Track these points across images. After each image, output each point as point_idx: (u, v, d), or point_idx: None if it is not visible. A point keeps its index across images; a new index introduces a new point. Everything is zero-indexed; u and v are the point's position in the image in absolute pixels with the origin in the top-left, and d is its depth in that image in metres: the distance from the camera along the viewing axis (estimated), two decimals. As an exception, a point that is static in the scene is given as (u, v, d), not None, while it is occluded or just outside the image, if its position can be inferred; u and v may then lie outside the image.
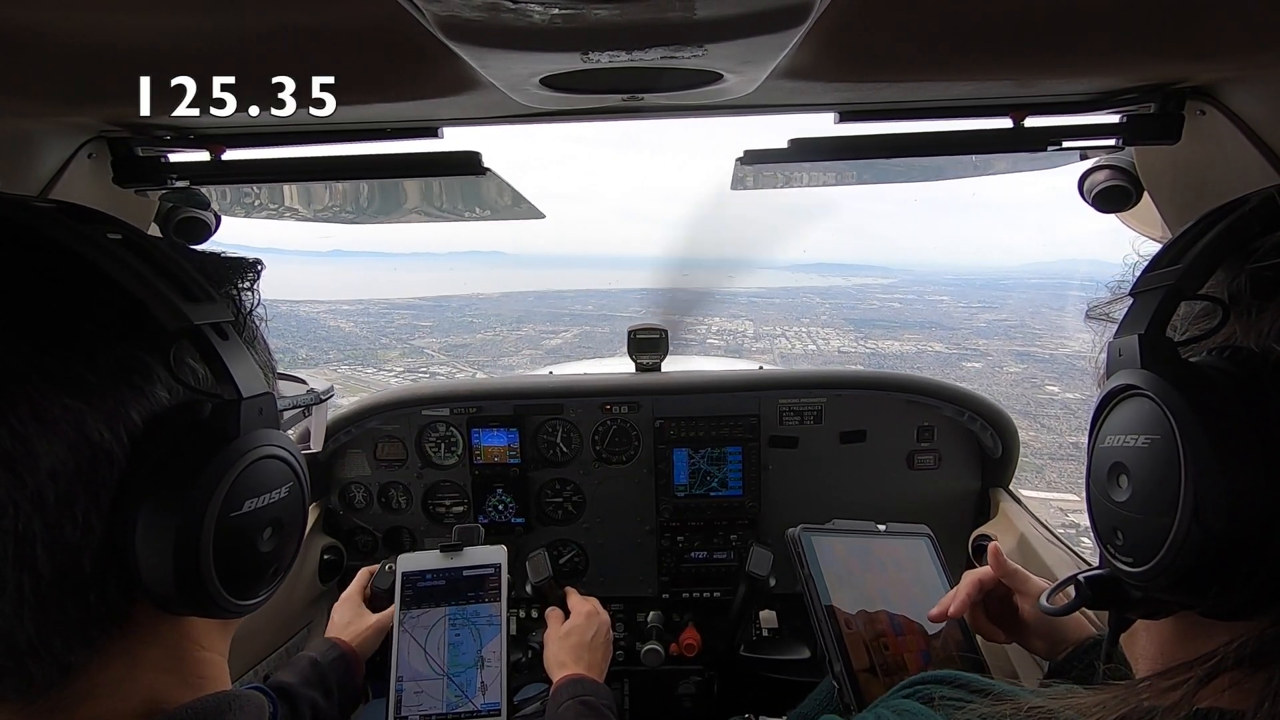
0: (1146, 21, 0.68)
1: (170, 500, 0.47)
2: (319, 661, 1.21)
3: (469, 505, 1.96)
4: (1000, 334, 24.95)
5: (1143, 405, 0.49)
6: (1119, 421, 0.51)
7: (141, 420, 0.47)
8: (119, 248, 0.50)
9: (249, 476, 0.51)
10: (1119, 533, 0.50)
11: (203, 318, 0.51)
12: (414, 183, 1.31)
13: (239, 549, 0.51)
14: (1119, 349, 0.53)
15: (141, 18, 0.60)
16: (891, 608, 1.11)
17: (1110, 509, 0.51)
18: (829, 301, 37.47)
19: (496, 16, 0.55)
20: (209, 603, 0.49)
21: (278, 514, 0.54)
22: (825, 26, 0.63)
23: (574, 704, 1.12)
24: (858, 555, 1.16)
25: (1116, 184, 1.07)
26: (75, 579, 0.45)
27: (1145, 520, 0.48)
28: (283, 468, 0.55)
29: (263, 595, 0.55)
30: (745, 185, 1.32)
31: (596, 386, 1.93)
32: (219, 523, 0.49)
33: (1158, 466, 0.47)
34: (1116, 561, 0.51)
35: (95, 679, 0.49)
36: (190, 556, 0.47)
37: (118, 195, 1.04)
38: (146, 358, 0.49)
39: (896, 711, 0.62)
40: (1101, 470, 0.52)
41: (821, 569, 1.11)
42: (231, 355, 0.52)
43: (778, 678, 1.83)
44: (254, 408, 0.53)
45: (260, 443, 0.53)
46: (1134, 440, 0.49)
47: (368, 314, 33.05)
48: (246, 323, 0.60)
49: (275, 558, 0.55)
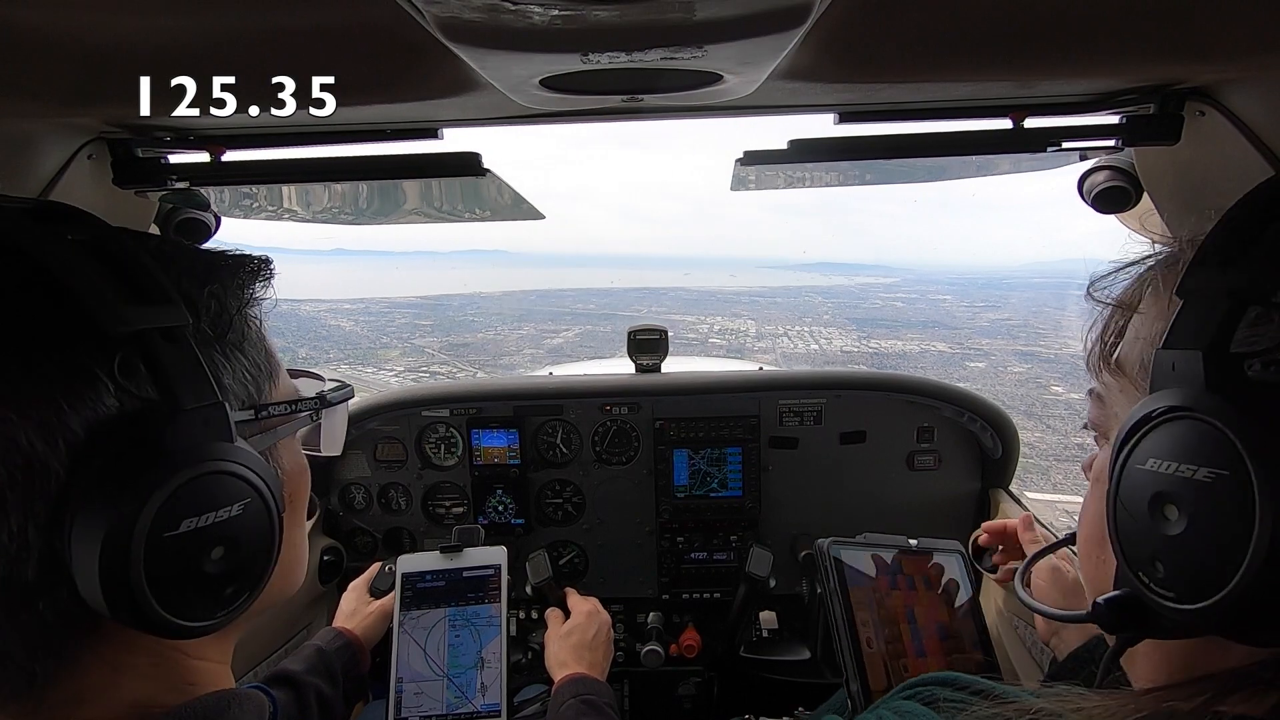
0: (1146, 23, 0.68)
1: (97, 517, 0.44)
2: (324, 649, 1.21)
3: (469, 506, 1.96)
4: (1003, 334, 24.91)
5: (1204, 433, 0.43)
6: (1168, 446, 0.45)
7: (83, 430, 0.45)
8: (72, 248, 0.47)
9: (186, 494, 0.47)
10: (1159, 564, 0.46)
11: (149, 321, 0.47)
12: (414, 183, 1.31)
13: (178, 570, 0.48)
14: (1172, 361, 0.46)
15: (141, 19, 0.60)
16: (915, 627, 1.09)
17: (1150, 538, 0.46)
18: (832, 301, 37.44)
19: (496, 17, 0.55)
20: (149, 623, 0.47)
21: (229, 533, 0.50)
22: (825, 27, 0.63)
23: (576, 703, 1.12)
24: (886, 572, 1.13)
25: (1116, 185, 1.07)
26: (19, 589, 0.44)
27: (1201, 559, 0.43)
28: (235, 484, 0.51)
29: (221, 616, 0.51)
30: (746, 186, 1.32)
31: (596, 387, 1.93)
32: (150, 542, 0.45)
33: (1225, 506, 0.42)
34: (1152, 592, 0.46)
35: (78, 685, 0.49)
36: (118, 575, 0.44)
37: (117, 196, 1.04)
38: (90, 364, 0.46)
39: (898, 713, 0.62)
40: (1138, 494, 0.47)
41: (848, 584, 1.09)
42: (178, 362, 0.49)
43: (778, 678, 1.83)
44: (198, 419, 0.49)
45: (204, 457, 0.49)
46: (1190, 471, 0.43)
47: (368, 313, 33.01)
48: (232, 325, 0.56)
49: (231, 578, 0.51)
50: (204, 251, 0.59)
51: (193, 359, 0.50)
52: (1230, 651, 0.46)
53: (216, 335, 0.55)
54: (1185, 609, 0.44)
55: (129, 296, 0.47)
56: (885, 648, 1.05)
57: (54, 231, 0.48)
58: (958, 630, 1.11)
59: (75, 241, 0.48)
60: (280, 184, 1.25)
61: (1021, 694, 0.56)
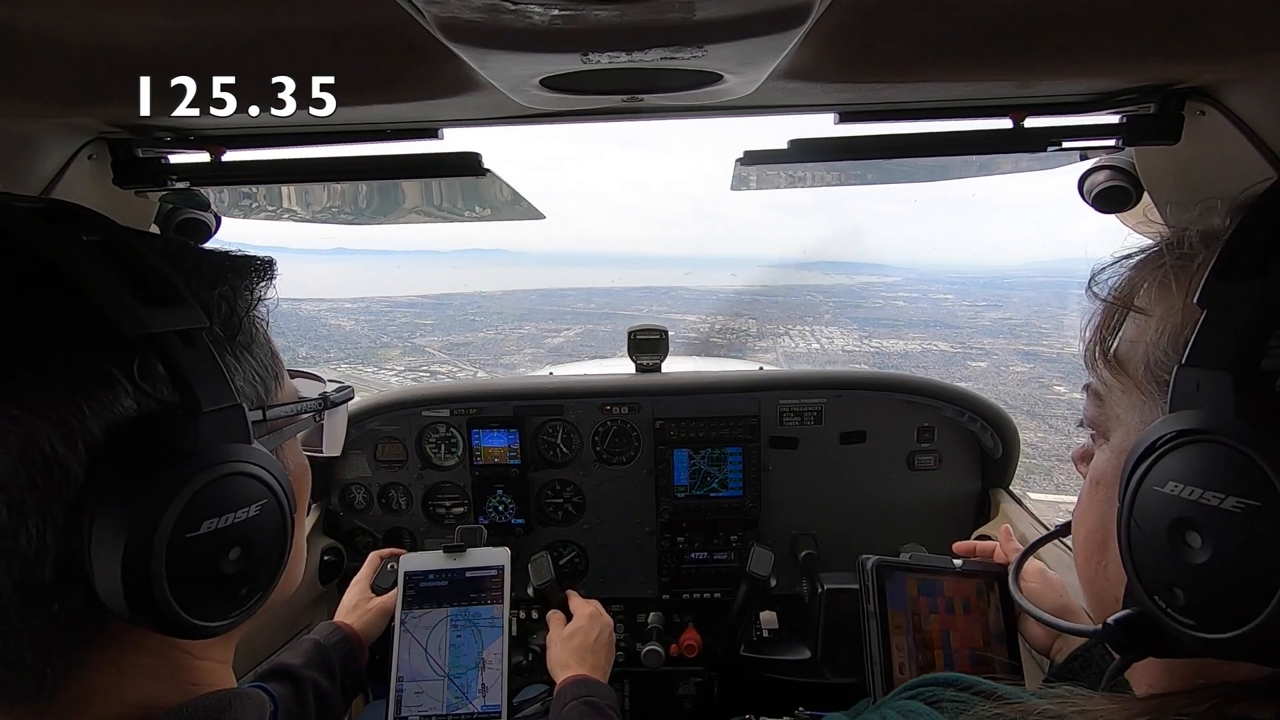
0: (1146, 22, 0.68)
1: (118, 519, 0.44)
2: (322, 644, 1.21)
3: (469, 506, 1.96)
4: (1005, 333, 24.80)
5: (1232, 460, 0.41)
6: (1191, 470, 0.43)
7: (101, 432, 0.45)
8: (87, 249, 0.47)
9: (207, 495, 0.48)
10: (1178, 591, 0.44)
11: (166, 323, 0.48)
12: (413, 183, 1.31)
13: (198, 570, 0.48)
14: (1196, 381, 0.44)
15: (142, 19, 0.60)
16: (949, 652, 1.08)
17: (1169, 564, 0.45)
18: (833, 300, 37.38)
19: (496, 17, 0.55)
20: (168, 623, 0.47)
21: (246, 534, 0.51)
22: (825, 27, 0.63)
23: (578, 704, 1.12)
24: (927, 594, 1.12)
25: (1116, 184, 1.07)
26: (35, 591, 0.44)
27: (1227, 590, 0.42)
28: (253, 485, 0.51)
29: (235, 616, 0.52)
30: (746, 186, 1.32)
31: (597, 387, 1.93)
32: (172, 543, 0.46)
33: (1256, 538, 0.40)
34: (1170, 618, 0.45)
35: (84, 686, 0.49)
36: (140, 577, 0.45)
37: (118, 196, 1.04)
38: (108, 366, 0.46)
39: (901, 712, 0.62)
40: (1154, 516, 0.45)
41: (888, 605, 1.07)
42: (196, 364, 0.49)
43: (778, 678, 1.83)
44: (216, 421, 0.49)
45: (223, 459, 0.49)
46: (1216, 499, 0.42)
47: (369, 312, 32.98)
48: (241, 326, 0.57)
49: (246, 578, 0.52)
50: (211, 252, 0.59)
51: (210, 361, 0.50)
52: (1240, 667, 0.45)
53: (227, 336, 0.55)
54: (1206, 638, 0.43)
55: (146, 298, 0.47)
56: (917, 674, 1.04)
57: (67, 232, 0.48)
58: (990, 656, 1.09)
59: (89, 243, 0.48)
60: (280, 184, 1.26)
61: (1024, 695, 0.56)
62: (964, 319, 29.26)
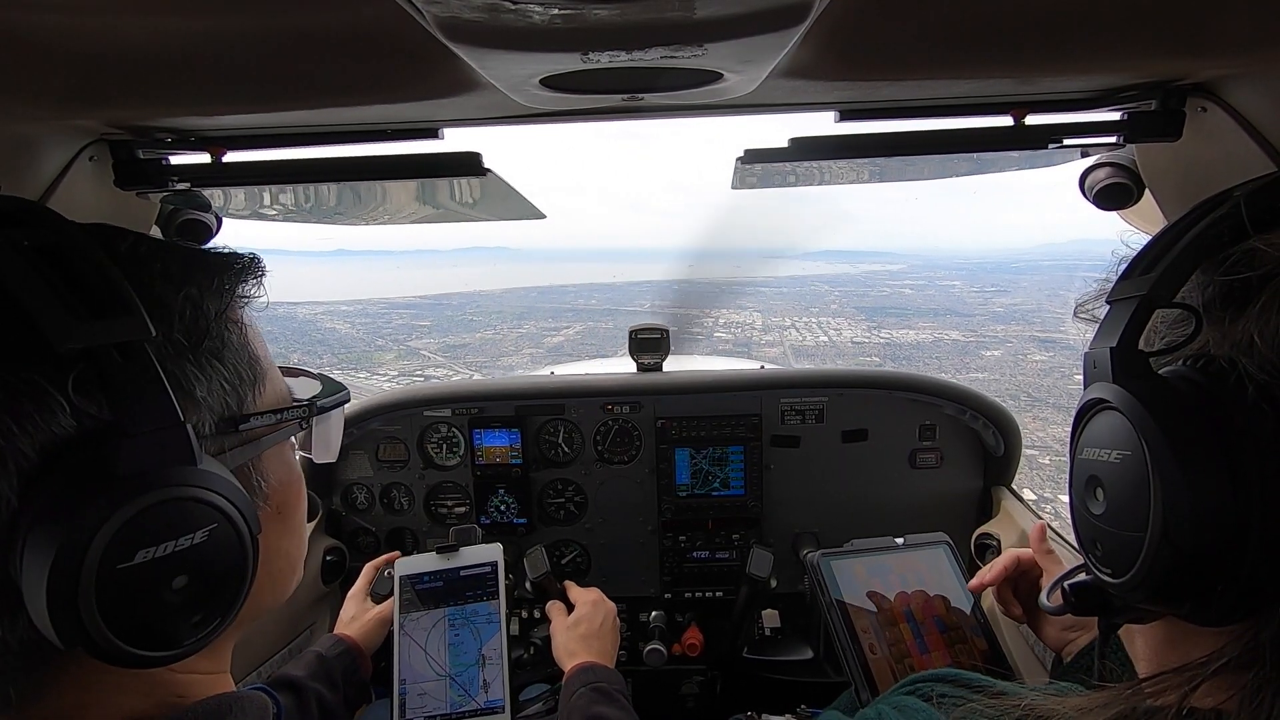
0: (1147, 18, 0.67)
1: (45, 547, 0.41)
2: (324, 656, 1.22)
3: (471, 506, 1.96)
4: (1018, 319, 24.49)
5: (1114, 420, 0.49)
6: (1095, 435, 0.52)
7: (35, 453, 0.42)
8: (22, 255, 0.44)
9: (141, 522, 0.44)
10: (1098, 544, 0.51)
11: (101, 336, 0.44)
12: (413, 183, 1.31)
13: (137, 600, 0.45)
14: (1094, 360, 0.53)
15: (142, 20, 0.60)
16: (915, 624, 1.10)
17: (1089, 520, 0.52)
18: (838, 289, 37.07)
19: (496, 17, 0.55)
20: (104, 654, 0.44)
21: (193, 561, 0.47)
22: (825, 25, 0.63)
23: (587, 691, 1.12)
24: (878, 574, 1.15)
25: (1118, 181, 1.07)
26: None
27: (1120, 534, 0.48)
28: (198, 510, 0.47)
29: (189, 644, 0.48)
30: (747, 184, 1.32)
31: (598, 386, 1.93)
32: (101, 574, 0.42)
33: (1129, 483, 0.47)
34: (1098, 571, 0.52)
35: (58, 704, 0.48)
36: (67, 608, 0.42)
37: (119, 198, 1.04)
38: (42, 382, 0.43)
39: (897, 708, 0.63)
40: (1080, 481, 0.53)
41: (843, 595, 1.10)
42: (133, 380, 0.45)
43: (780, 678, 1.83)
44: (155, 442, 0.45)
45: (163, 483, 0.45)
46: (1108, 455, 0.49)
47: (365, 314, 32.82)
48: (209, 331, 0.52)
49: (198, 606, 0.48)
50: (185, 251, 0.56)
51: (151, 375, 0.46)
52: (1201, 636, 0.48)
53: (191, 344, 0.51)
54: (1117, 582, 0.49)
55: (83, 308, 0.44)
56: (889, 651, 1.06)
57: (4, 236, 0.44)
58: (956, 621, 1.12)
59: (29, 248, 0.45)
60: (280, 184, 1.26)
61: (1020, 690, 0.56)
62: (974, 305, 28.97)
